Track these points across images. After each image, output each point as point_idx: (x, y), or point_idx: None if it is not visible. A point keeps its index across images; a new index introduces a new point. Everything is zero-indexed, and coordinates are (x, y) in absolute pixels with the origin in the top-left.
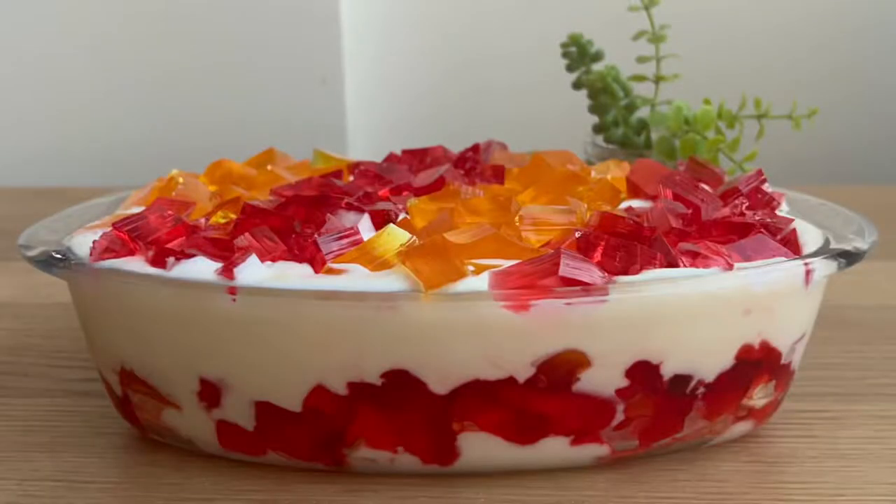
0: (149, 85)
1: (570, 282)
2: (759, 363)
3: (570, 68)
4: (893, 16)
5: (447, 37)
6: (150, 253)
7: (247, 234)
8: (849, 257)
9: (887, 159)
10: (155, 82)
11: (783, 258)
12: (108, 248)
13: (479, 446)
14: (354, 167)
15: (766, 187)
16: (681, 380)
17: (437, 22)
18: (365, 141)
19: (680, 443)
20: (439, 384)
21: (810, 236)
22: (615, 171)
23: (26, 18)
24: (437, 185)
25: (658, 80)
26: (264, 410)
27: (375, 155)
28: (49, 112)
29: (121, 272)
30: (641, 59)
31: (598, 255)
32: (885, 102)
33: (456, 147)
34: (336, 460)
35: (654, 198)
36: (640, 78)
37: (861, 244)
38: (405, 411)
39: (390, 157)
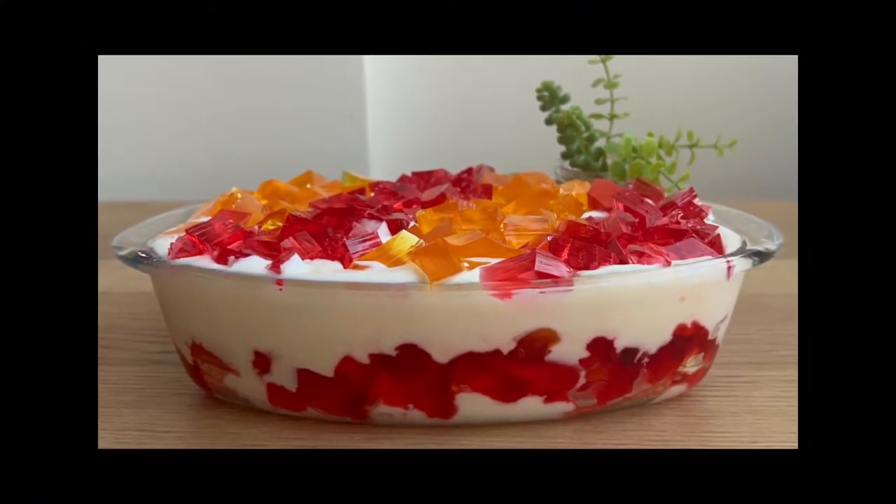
0: (216, 122)
1: (543, 275)
2: (691, 339)
3: (543, 108)
4: (794, 69)
5: (449, 83)
6: (215, 253)
7: (290, 238)
8: (761, 256)
9: (791, 180)
10: (221, 120)
11: (710, 257)
12: (182, 249)
13: (473, 404)
14: (375, 185)
15: (697, 201)
16: (630, 352)
17: (441, 71)
18: (383, 165)
19: (629, 401)
20: (441, 355)
21: (731, 240)
22: (579, 189)
23: (125, 75)
24: (439, 200)
25: (612, 117)
26: (304, 376)
27: (391, 176)
28: (137, 144)
29: (192, 268)
30: (599, 101)
31: (565, 255)
32: (790, 135)
33: (454, 169)
34: (360, 415)
35: (609, 209)
36: (598, 116)
37: (771, 246)
38: (414, 376)
39: (403, 178)
